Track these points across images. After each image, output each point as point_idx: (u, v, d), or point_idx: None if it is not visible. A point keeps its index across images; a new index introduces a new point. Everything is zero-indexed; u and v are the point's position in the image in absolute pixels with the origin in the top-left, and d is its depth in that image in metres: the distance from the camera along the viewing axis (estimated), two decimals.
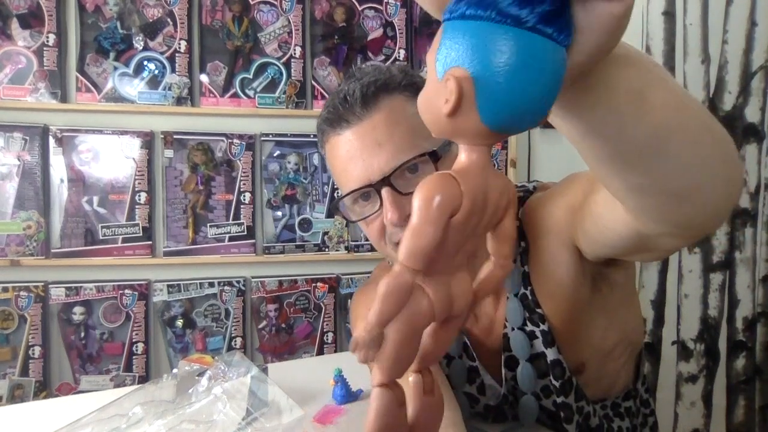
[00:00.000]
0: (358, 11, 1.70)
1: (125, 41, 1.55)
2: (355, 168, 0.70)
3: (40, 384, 1.52)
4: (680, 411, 2.04)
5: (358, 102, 0.70)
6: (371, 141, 0.69)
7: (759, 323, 2.10)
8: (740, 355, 2.09)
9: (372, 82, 0.71)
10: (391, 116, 0.70)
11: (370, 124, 0.69)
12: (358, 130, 0.70)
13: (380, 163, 0.68)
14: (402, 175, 0.68)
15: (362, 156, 0.69)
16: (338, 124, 0.71)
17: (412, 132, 0.69)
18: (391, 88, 0.71)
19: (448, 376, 0.82)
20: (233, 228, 1.62)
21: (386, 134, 0.69)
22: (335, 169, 0.74)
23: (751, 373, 2.10)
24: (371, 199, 0.71)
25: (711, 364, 2.07)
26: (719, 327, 2.06)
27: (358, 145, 0.70)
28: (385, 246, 0.73)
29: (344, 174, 0.71)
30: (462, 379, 0.82)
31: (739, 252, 2.05)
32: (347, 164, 0.70)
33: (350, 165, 0.70)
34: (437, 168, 0.70)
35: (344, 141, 0.71)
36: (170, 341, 1.61)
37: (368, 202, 0.72)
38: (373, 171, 0.68)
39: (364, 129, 0.70)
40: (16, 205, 1.50)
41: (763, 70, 2.03)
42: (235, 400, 0.71)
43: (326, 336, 1.70)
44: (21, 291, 1.50)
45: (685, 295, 2.02)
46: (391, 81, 0.72)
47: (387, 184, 0.68)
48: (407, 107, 0.71)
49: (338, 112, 0.71)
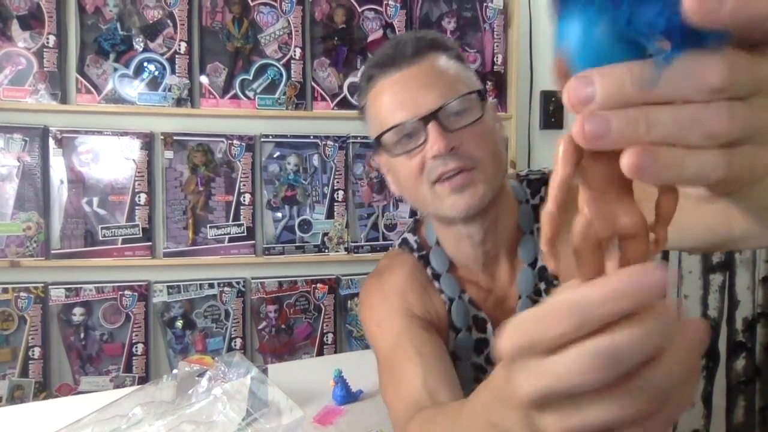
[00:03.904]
0: (358, 12, 1.70)
1: (125, 42, 1.56)
2: (403, 106, 0.75)
3: (40, 385, 1.52)
4: None
5: (410, 50, 0.76)
6: (419, 82, 0.75)
7: (759, 324, 2.10)
8: (740, 356, 2.09)
9: (423, 38, 0.79)
10: (437, 66, 0.77)
11: (420, 69, 0.76)
12: (408, 73, 0.76)
13: (428, 100, 0.74)
14: (447, 115, 0.73)
15: (411, 95, 0.75)
16: (389, 67, 0.77)
17: (456, 79, 0.77)
18: (438, 45, 0.79)
19: (453, 351, 0.84)
20: (233, 229, 1.62)
21: (434, 78, 0.75)
22: (379, 111, 0.78)
23: (751, 373, 2.10)
24: (414, 137, 0.75)
25: (711, 365, 2.07)
26: (719, 328, 2.06)
27: (407, 85, 0.76)
28: (420, 184, 0.76)
29: (390, 113, 0.76)
30: (469, 351, 0.84)
31: (739, 253, 2.05)
32: (395, 103, 0.76)
33: (398, 104, 0.76)
34: (483, 108, 0.76)
35: (393, 82, 0.77)
36: (170, 342, 1.61)
37: (411, 140, 0.75)
38: (421, 108, 0.73)
39: (413, 73, 0.76)
40: (16, 206, 1.50)
41: None
42: (235, 400, 0.71)
43: (326, 337, 1.70)
44: (21, 292, 1.50)
45: (684, 295, 2.02)
46: (439, 41, 0.80)
47: (434, 118, 0.73)
48: (451, 63, 0.78)
49: (391, 57, 0.77)
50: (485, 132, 0.77)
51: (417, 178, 0.76)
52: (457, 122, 0.74)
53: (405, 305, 0.83)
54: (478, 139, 0.75)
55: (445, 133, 0.72)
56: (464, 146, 0.73)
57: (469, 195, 0.74)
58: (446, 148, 0.72)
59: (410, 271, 0.86)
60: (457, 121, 0.74)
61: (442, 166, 0.73)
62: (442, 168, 0.73)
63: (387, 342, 0.81)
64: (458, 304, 0.84)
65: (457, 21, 1.76)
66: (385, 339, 0.82)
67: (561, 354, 0.26)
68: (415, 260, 0.87)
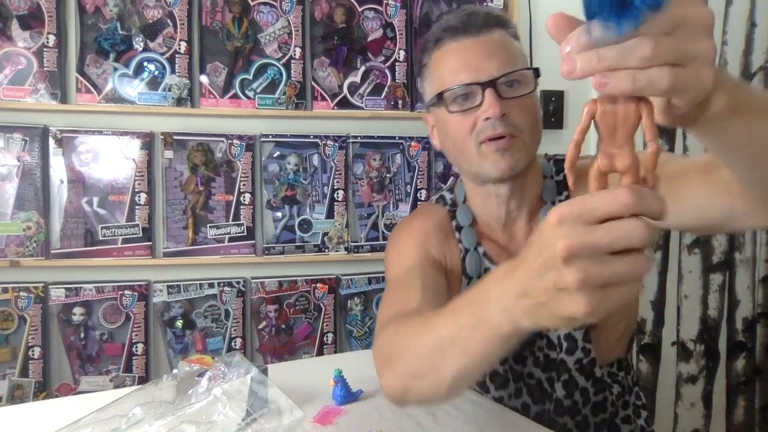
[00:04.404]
0: (358, 12, 1.70)
1: (125, 42, 1.56)
2: (467, 69, 0.84)
3: (40, 384, 1.52)
4: (680, 411, 2.04)
5: (481, 22, 0.86)
6: (485, 51, 0.85)
7: (759, 324, 2.10)
8: (740, 356, 2.09)
9: (493, 13, 0.88)
10: (502, 40, 0.87)
11: (486, 40, 0.86)
12: (476, 41, 0.86)
13: (491, 68, 0.83)
14: (503, 85, 0.83)
15: (475, 61, 0.84)
16: (459, 34, 0.87)
17: (515, 54, 0.87)
18: (504, 23, 0.89)
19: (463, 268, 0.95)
20: (233, 229, 1.62)
21: (498, 50, 0.85)
22: (443, 71, 0.87)
23: (751, 373, 2.10)
24: (471, 99, 0.84)
25: (711, 365, 2.07)
26: (719, 327, 2.06)
27: (473, 51, 0.85)
28: (468, 142, 0.86)
29: (454, 74, 0.85)
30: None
31: (739, 253, 2.05)
32: (460, 66, 0.85)
33: (463, 67, 0.85)
34: (535, 84, 0.86)
35: (461, 47, 0.86)
36: (170, 342, 1.61)
37: (467, 101, 0.85)
38: (483, 74, 0.83)
39: (480, 42, 0.86)
40: (15, 206, 1.50)
41: (763, 70, 2.03)
42: (235, 400, 0.71)
43: (326, 337, 1.70)
44: (21, 292, 1.50)
45: (684, 295, 2.02)
46: (504, 18, 0.90)
47: (492, 85, 0.82)
48: (512, 41, 0.88)
49: (462, 24, 0.86)
50: (532, 106, 0.86)
51: (466, 136, 0.85)
52: (511, 92, 0.83)
53: (426, 245, 0.94)
54: (525, 110, 0.84)
55: (500, 100, 0.81)
56: (513, 114, 0.83)
57: (509, 158, 0.84)
58: (499, 113, 0.81)
59: (438, 220, 0.98)
60: (511, 92, 0.83)
61: (491, 129, 0.83)
62: (491, 131, 0.83)
63: (401, 268, 0.93)
64: (473, 255, 0.94)
65: None
66: (401, 265, 0.94)
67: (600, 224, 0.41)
68: (445, 212, 0.99)
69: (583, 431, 0.95)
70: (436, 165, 1.76)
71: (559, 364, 0.93)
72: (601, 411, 0.96)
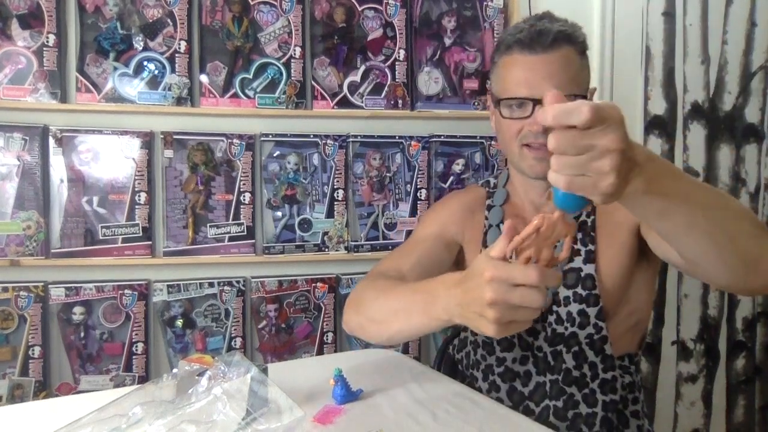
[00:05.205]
0: (358, 11, 1.70)
1: (125, 41, 1.55)
2: (527, 86, 0.96)
3: (40, 384, 1.52)
4: (680, 411, 2.04)
5: (549, 41, 0.95)
6: (547, 71, 0.95)
7: (759, 323, 2.10)
8: (740, 355, 2.09)
9: (563, 31, 0.96)
10: (564, 60, 0.96)
11: (550, 59, 0.95)
12: (540, 59, 0.96)
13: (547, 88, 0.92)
14: None
15: (536, 78, 0.95)
16: (527, 49, 0.96)
17: (574, 78, 0.97)
18: (572, 40, 0.97)
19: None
20: (233, 228, 1.62)
21: (558, 70, 0.95)
22: (506, 77, 1.00)
23: (751, 373, 2.10)
24: (523, 108, 0.98)
25: (711, 364, 2.07)
26: (719, 327, 2.06)
27: (536, 68, 0.96)
28: (513, 141, 1.01)
29: (515, 85, 0.98)
30: None
31: None
32: (522, 80, 0.97)
33: (524, 81, 0.96)
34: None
35: (526, 62, 0.97)
36: (170, 341, 1.61)
37: (520, 109, 0.98)
38: (538, 91, 0.94)
39: (544, 61, 0.95)
40: (15, 206, 1.50)
41: (763, 70, 2.03)
42: (235, 400, 0.71)
43: (326, 336, 1.70)
44: (21, 291, 1.50)
45: (684, 295, 2.02)
46: (573, 36, 0.98)
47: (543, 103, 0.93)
48: (576, 59, 0.98)
49: (531, 41, 0.96)
50: None
51: (513, 137, 1.00)
52: None
53: (447, 223, 1.14)
54: None
55: None
56: None
57: (544, 165, 0.94)
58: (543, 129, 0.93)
59: (474, 197, 1.18)
60: None
61: (533, 138, 0.97)
62: (533, 139, 0.98)
63: (416, 234, 1.16)
64: (494, 230, 1.11)
65: (457, 20, 1.76)
66: (418, 231, 1.17)
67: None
68: (484, 192, 1.18)
69: (591, 406, 0.99)
70: (436, 164, 1.76)
71: (569, 337, 1.01)
72: (610, 391, 1.00)
